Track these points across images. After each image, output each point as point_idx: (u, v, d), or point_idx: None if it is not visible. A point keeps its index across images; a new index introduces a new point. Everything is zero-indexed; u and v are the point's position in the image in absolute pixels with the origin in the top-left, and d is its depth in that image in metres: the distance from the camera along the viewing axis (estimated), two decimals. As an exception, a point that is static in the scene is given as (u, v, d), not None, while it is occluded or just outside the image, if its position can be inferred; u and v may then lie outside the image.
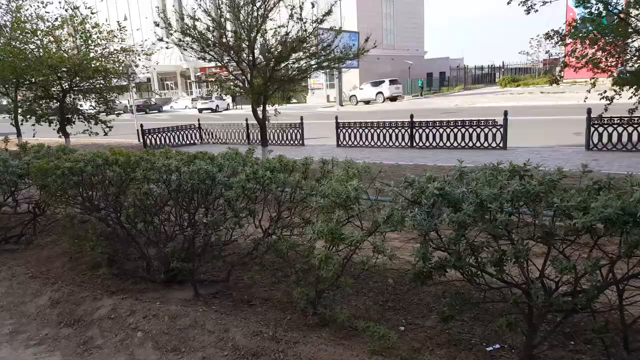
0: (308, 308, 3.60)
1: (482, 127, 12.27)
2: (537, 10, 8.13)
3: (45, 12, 12.29)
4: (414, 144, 13.18)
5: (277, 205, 3.93)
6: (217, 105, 42.83)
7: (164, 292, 4.37)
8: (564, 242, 2.56)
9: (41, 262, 5.35)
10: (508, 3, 8.03)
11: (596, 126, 10.84)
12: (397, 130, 13.54)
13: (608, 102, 8.55)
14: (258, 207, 4.01)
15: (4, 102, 19.81)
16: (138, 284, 4.58)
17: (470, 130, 12.43)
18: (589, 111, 10.63)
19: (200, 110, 41.73)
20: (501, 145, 12.02)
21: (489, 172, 2.97)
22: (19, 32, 11.80)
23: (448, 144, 12.69)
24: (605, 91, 8.43)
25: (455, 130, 12.62)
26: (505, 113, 11.96)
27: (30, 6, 12.37)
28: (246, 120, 16.44)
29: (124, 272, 4.81)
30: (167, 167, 3.93)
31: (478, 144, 12.31)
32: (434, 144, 12.91)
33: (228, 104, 44.64)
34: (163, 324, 3.71)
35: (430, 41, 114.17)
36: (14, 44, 11.63)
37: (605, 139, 10.82)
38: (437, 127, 12.92)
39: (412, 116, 13.40)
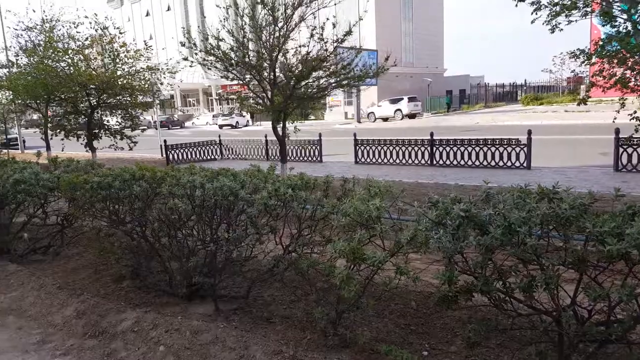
0: (328, 328, 3.56)
1: (505, 146, 12.12)
2: (562, 30, 8.07)
3: (77, 32, 12.74)
4: (434, 162, 13.10)
5: (298, 222, 3.93)
6: (237, 122, 43.42)
7: (185, 306, 4.39)
8: (597, 269, 2.49)
9: (68, 274, 5.46)
10: (532, 22, 7.98)
11: (625, 147, 10.60)
12: (416, 148, 13.48)
13: (638, 122, 8.36)
14: (279, 223, 4.02)
15: (35, 117, 20.43)
16: (160, 297, 4.63)
17: (493, 149, 12.29)
18: (617, 131, 10.41)
19: (221, 127, 42.38)
20: (525, 165, 11.84)
21: (516, 194, 2.93)
22: (51, 51, 12.21)
23: (470, 162, 12.57)
24: (635, 111, 8.26)
25: (477, 148, 12.50)
26: (529, 132, 11.79)
27: (63, 26, 12.82)
28: (265, 136, 16.59)
29: (146, 285, 4.86)
30: (192, 183, 3.98)
31: (501, 163, 12.15)
32: (455, 162, 12.80)
33: (247, 121, 45.22)
34: (185, 339, 3.72)
35: (449, 58, 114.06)
36: (46, 62, 12.02)
37: (635, 160, 10.55)
38: (458, 145, 12.82)
39: (432, 134, 13.35)
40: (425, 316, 3.97)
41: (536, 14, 7.82)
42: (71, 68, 12.21)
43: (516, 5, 7.91)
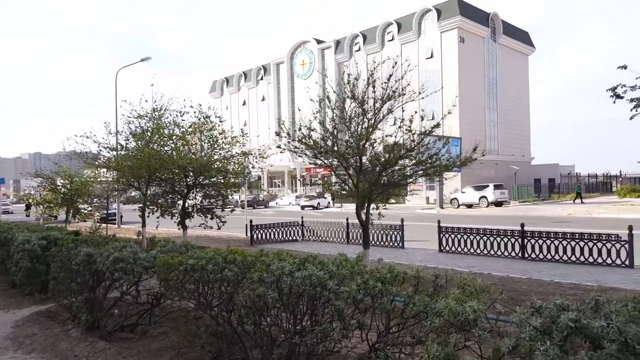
0: None
1: (604, 242, 11.16)
2: (664, 122, 7.60)
3: (182, 119, 14.12)
4: (526, 255, 12.28)
5: (387, 318, 3.80)
6: (319, 203, 44.35)
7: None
8: None
9: (151, 354, 5.53)
10: (631, 119, 7.63)
11: None
12: (506, 239, 12.77)
13: None
14: (366, 318, 3.90)
15: (134, 194, 22.26)
16: (239, 386, 4.54)
17: (590, 244, 11.35)
18: None
19: (303, 207, 43.51)
20: (627, 263, 10.75)
21: (631, 304, 2.65)
22: (157, 136, 13.55)
23: (565, 257, 11.64)
24: None
25: (573, 243, 11.61)
26: (630, 228, 10.83)
27: (170, 115, 14.26)
28: (347, 219, 16.67)
29: (226, 372, 4.82)
30: (281, 270, 4.04)
31: (600, 260, 11.12)
32: (549, 256, 11.91)
33: (329, 202, 46.02)
34: None
35: (537, 146, 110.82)
36: (152, 146, 13.31)
37: None
38: (552, 239, 11.99)
39: (522, 225, 12.66)
40: None
41: (637, 110, 7.50)
42: (173, 152, 13.37)
43: (614, 102, 7.66)
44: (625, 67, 7.81)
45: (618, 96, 7.91)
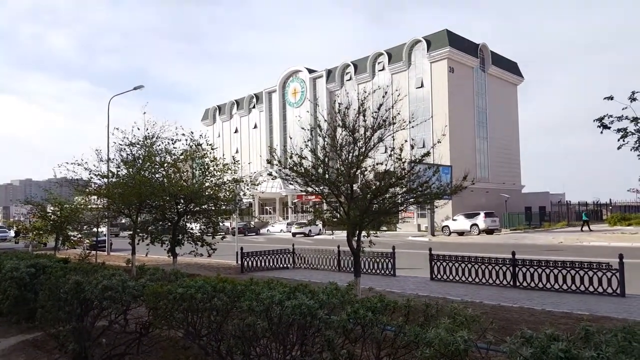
0: None
1: (595, 271, 11.20)
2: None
3: (173, 147, 14.16)
4: (517, 284, 12.26)
5: (378, 348, 3.76)
6: (310, 230, 44.10)
7: None
8: None
9: (139, 385, 5.42)
10: (618, 148, 7.78)
11: None
12: (497, 267, 12.76)
13: None
14: (357, 348, 3.86)
15: (124, 221, 22.04)
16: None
17: (582, 272, 11.38)
18: None
19: (294, 235, 43.24)
20: (618, 292, 10.77)
21: (620, 335, 2.67)
22: (148, 163, 13.55)
23: (556, 286, 11.63)
24: None
25: (564, 271, 11.62)
26: (621, 256, 10.90)
27: (162, 142, 14.30)
28: (338, 247, 16.61)
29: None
30: (271, 300, 4.01)
31: (591, 289, 11.13)
32: (540, 285, 11.90)
33: (320, 229, 45.85)
34: None
35: (528, 174, 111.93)
36: (143, 173, 13.30)
37: None
38: (543, 267, 12.00)
39: (514, 253, 12.68)
40: None
41: (623, 140, 7.65)
42: (164, 179, 13.35)
43: (601, 132, 7.81)
44: (611, 98, 7.99)
45: (605, 126, 8.06)
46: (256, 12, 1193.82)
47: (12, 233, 46.52)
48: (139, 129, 14.50)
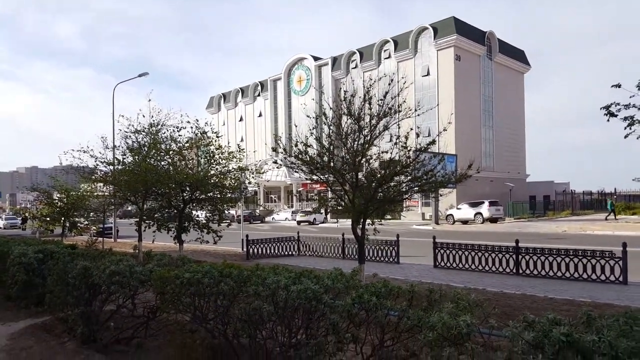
0: None
1: (598, 259, 11.23)
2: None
3: (179, 134, 14.20)
4: (520, 272, 12.31)
5: (381, 332, 3.83)
6: (315, 218, 44.26)
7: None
8: None
9: (146, 368, 5.53)
10: (625, 137, 7.76)
11: None
12: (500, 255, 12.82)
13: None
14: (361, 331, 3.93)
15: (130, 208, 22.18)
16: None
17: (585, 260, 11.41)
18: None
19: (299, 223, 43.44)
20: (621, 279, 10.81)
21: (622, 319, 2.71)
22: (154, 151, 13.61)
23: (559, 273, 11.68)
24: None
25: (567, 259, 11.66)
26: (624, 245, 10.92)
27: (167, 130, 14.34)
28: (342, 235, 16.69)
29: (222, 386, 4.81)
30: (277, 285, 4.08)
31: (594, 277, 11.17)
32: (543, 272, 11.95)
33: (324, 217, 45.99)
34: None
35: (533, 164, 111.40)
36: (148, 160, 13.36)
37: None
38: (546, 255, 12.05)
39: (517, 241, 12.72)
40: None
41: (630, 128, 7.63)
42: (170, 167, 13.41)
43: (608, 120, 7.79)
44: (619, 86, 7.96)
45: (612, 114, 8.05)
46: (263, 1, 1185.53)
47: (20, 220, 46.75)
48: (144, 116, 14.53)
